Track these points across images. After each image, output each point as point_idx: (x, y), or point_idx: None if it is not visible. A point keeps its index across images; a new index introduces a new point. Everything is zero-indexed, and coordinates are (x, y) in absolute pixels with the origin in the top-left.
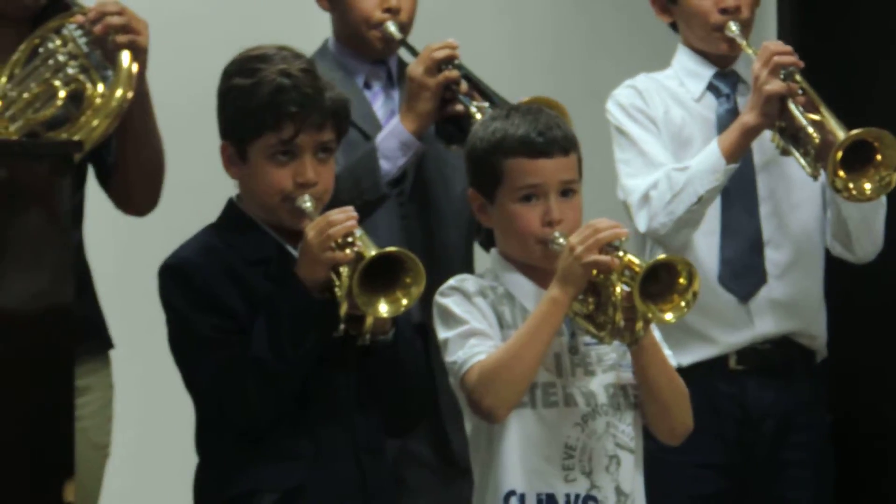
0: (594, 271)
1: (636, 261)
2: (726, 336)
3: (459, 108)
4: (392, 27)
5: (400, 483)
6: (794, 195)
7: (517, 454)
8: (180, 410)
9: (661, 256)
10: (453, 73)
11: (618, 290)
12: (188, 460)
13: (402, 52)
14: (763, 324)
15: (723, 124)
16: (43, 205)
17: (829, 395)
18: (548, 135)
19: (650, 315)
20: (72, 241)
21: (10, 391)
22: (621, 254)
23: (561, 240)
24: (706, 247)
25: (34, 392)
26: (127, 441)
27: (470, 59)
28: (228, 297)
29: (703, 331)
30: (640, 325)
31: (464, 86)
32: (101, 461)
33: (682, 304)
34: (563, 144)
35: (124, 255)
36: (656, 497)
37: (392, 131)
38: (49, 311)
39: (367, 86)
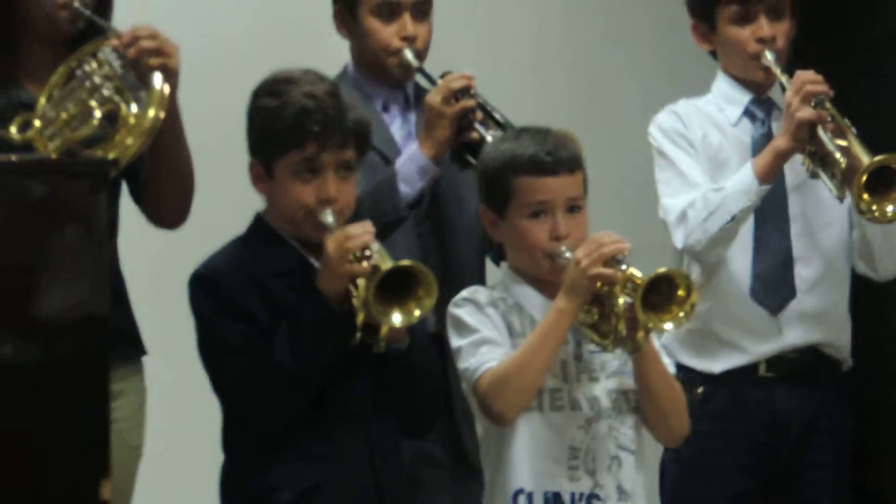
0: (598, 283)
1: (638, 274)
2: (756, 346)
3: (475, 135)
4: (409, 55)
5: (416, 482)
6: (823, 216)
7: (525, 455)
8: (208, 413)
9: (661, 270)
10: (469, 103)
11: (620, 301)
12: (216, 459)
13: (418, 77)
14: (791, 334)
15: (758, 148)
16: (81, 220)
17: (852, 401)
18: (555, 154)
19: (651, 325)
20: (108, 254)
21: (50, 395)
22: (624, 267)
23: (567, 254)
24: (740, 263)
25: (72, 396)
26: (159, 442)
27: (486, 86)
28: (254, 306)
29: (735, 341)
30: (641, 334)
31: (479, 114)
32: (135, 461)
33: (681, 314)
34: (570, 164)
35: (157, 266)
36: (693, 495)
37: (411, 157)
38: (86, 320)
39: (386, 109)
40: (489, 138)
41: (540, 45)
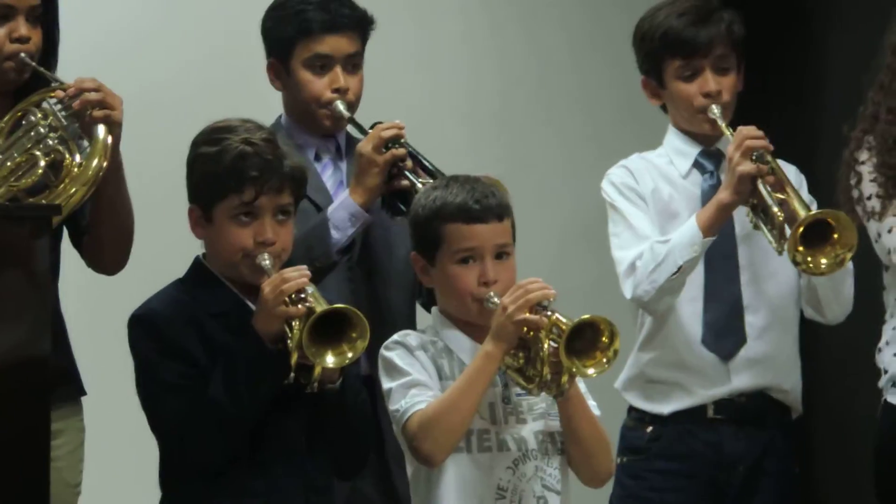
0: (524, 329)
1: (563, 319)
2: (706, 390)
3: (405, 182)
4: (341, 106)
5: None
6: (771, 264)
7: (453, 495)
8: (146, 451)
9: (585, 316)
10: (400, 151)
11: (546, 346)
12: (154, 498)
13: (350, 127)
14: (739, 379)
15: (707, 198)
16: (23, 264)
17: (799, 446)
18: (483, 202)
19: (575, 370)
20: (49, 297)
21: None
22: (549, 313)
23: (495, 299)
24: (690, 311)
25: (13, 435)
26: (96, 480)
27: (418, 135)
28: (192, 346)
29: (685, 385)
30: (565, 378)
31: (409, 163)
32: (73, 499)
33: (604, 360)
34: (498, 211)
35: (95, 309)
36: None
37: (342, 203)
38: (27, 362)
39: (318, 158)
40: (419, 186)
41: (473, 96)
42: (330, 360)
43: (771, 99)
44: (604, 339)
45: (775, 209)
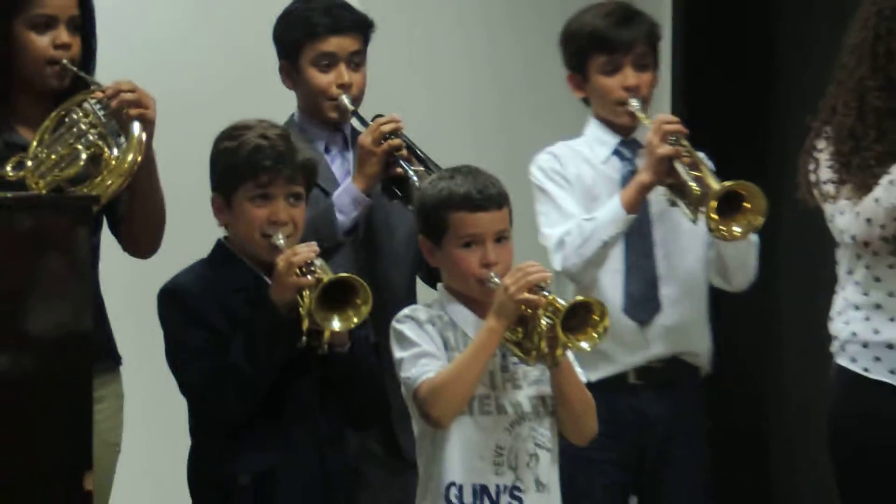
0: (524, 307)
1: (559, 300)
2: (626, 357)
3: (400, 171)
4: (345, 99)
5: (358, 475)
6: (682, 241)
7: (457, 453)
8: (177, 412)
9: (580, 297)
10: (396, 142)
11: (543, 323)
12: (185, 452)
13: (355, 121)
14: (656, 346)
15: (625, 182)
16: (65, 249)
17: (709, 403)
18: (485, 192)
19: (569, 344)
20: (90, 279)
21: (40, 400)
22: (546, 293)
23: (496, 279)
24: (612, 283)
25: (60, 401)
26: (135, 440)
27: (419, 128)
28: (214, 316)
29: (608, 352)
30: (560, 351)
31: (405, 152)
32: (114, 457)
33: (595, 335)
34: (498, 200)
35: (132, 289)
36: (580, 486)
37: (346, 189)
38: (71, 336)
39: (327, 150)
40: (412, 174)
41: (471, 93)
42: (337, 324)
43: (742, 93)
44: (594, 316)
45: (692, 184)
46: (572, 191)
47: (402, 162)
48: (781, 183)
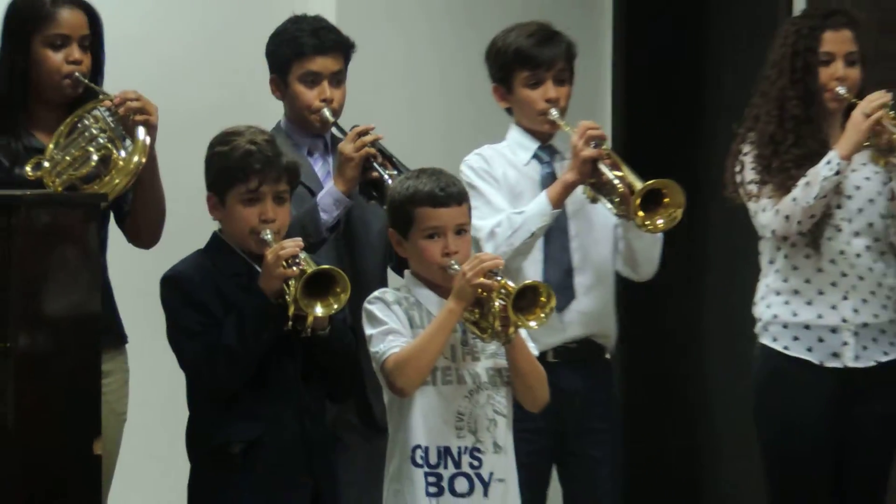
0: (479, 290)
1: (510, 284)
2: (546, 338)
3: (376, 174)
4: (327, 113)
5: (337, 440)
6: (595, 234)
7: (421, 419)
8: (176, 386)
9: (528, 281)
10: (372, 150)
11: (496, 304)
12: (183, 423)
13: (334, 129)
14: (572, 329)
15: (545, 183)
16: (77, 241)
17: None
18: (447, 190)
19: (519, 323)
20: (99, 267)
21: (55, 373)
22: (499, 278)
23: (456, 266)
24: (533, 272)
25: (72, 374)
26: (139, 410)
27: (392, 134)
28: (209, 300)
29: (530, 334)
30: (511, 329)
31: (379, 158)
32: (120, 425)
33: (542, 315)
34: (458, 198)
35: (137, 276)
36: None
37: (328, 191)
38: (81, 317)
39: (310, 154)
40: (386, 177)
41: (446, 103)
42: (319, 310)
43: (675, 104)
44: (542, 298)
45: (616, 182)
46: (499, 188)
47: (377, 166)
48: (709, 183)
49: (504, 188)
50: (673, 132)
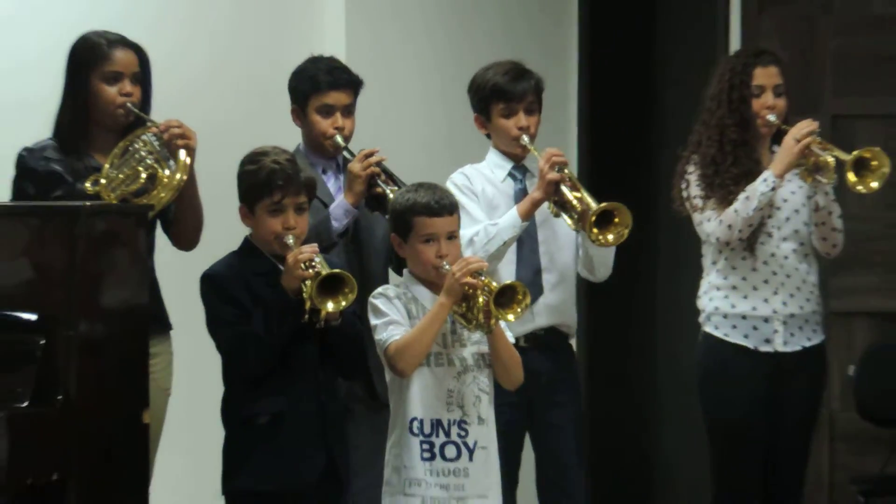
0: (467, 288)
1: (493, 283)
2: (518, 327)
3: (379, 190)
4: (339, 139)
5: (349, 412)
6: (559, 242)
7: (418, 396)
8: (213, 367)
9: (507, 282)
10: (376, 169)
11: (480, 300)
12: (219, 398)
13: (345, 152)
14: (540, 318)
15: (517, 197)
16: (129, 244)
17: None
18: (441, 202)
19: (499, 316)
20: (147, 267)
21: (110, 355)
22: (483, 278)
23: (447, 266)
24: (507, 272)
25: (124, 355)
26: (181, 387)
27: (394, 155)
28: (241, 295)
29: (505, 324)
30: (493, 321)
31: (383, 176)
32: (165, 399)
33: (518, 310)
34: (450, 209)
35: (180, 274)
36: None
37: (339, 203)
38: (132, 309)
39: (324, 172)
40: (388, 192)
41: (427, 124)
42: (331, 306)
43: (633, 131)
44: (519, 296)
45: (575, 203)
46: (478, 202)
47: (380, 183)
48: (659, 199)
49: (483, 201)
50: (629, 155)
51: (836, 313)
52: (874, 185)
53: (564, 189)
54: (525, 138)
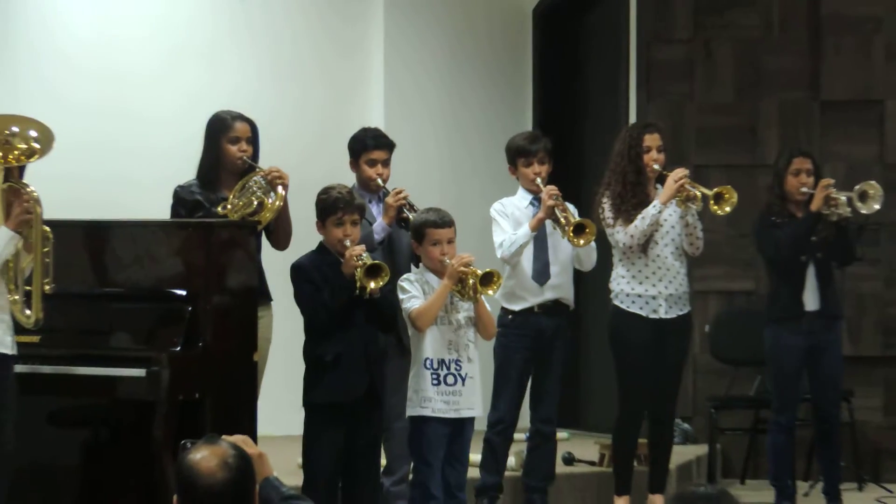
0: (461, 273)
1: (478, 271)
2: (533, 299)
3: (405, 214)
4: (380, 181)
5: (384, 354)
6: (561, 245)
7: (429, 344)
8: (299, 324)
9: (488, 269)
10: (403, 201)
11: (470, 282)
12: (301, 344)
13: (384, 190)
14: (549, 293)
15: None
16: (243, 247)
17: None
18: (443, 219)
19: (483, 292)
20: (257, 261)
21: (233, 319)
22: (472, 267)
23: (448, 261)
24: (527, 264)
25: (242, 318)
26: (278, 338)
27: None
28: (317, 278)
29: (524, 296)
30: (478, 296)
31: (407, 206)
32: (267, 346)
33: (495, 287)
34: (449, 223)
35: (278, 265)
36: (509, 360)
37: (379, 223)
38: (246, 288)
39: (370, 202)
40: (410, 216)
41: (424, 160)
42: (372, 285)
43: (563, 172)
44: (495, 278)
45: (562, 220)
46: (508, 221)
47: (405, 210)
48: (584, 213)
49: (511, 220)
50: (563, 189)
51: (697, 292)
52: (727, 209)
53: (556, 212)
54: (538, 181)
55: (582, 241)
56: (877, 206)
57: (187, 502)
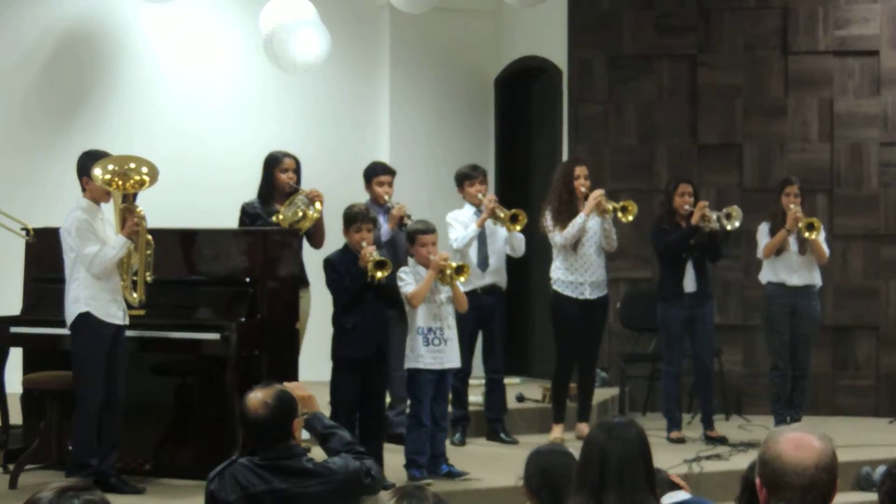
0: (441, 266)
1: (453, 264)
2: (477, 282)
3: (404, 223)
4: (386, 197)
5: (391, 321)
6: (498, 237)
7: (421, 316)
8: (328, 302)
9: (461, 262)
10: (403, 212)
11: (447, 272)
12: (330, 315)
13: (389, 205)
14: (488, 278)
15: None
16: (290, 247)
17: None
18: (430, 228)
19: (456, 279)
20: (298, 256)
21: (281, 298)
22: (449, 261)
23: (432, 257)
24: (473, 254)
25: (286, 298)
26: (314, 313)
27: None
28: (341, 268)
29: (471, 280)
30: (454, 283)
31: (406, 216)
32: (306, 318)
33: (465, 277)
34: (433, 231)
35: (315, 260)
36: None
37: (385, 229)
38: (291, 277)
39: (379, 213)
40: (409, 223)
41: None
42: (380, 274)
43: (517, 193)
44: (466, 270)
45: (501, 215)
46: (461, 225)
47: (405, 219)
48: (533, 225)
49: (462, 224)
50: (518, 204)
51: (611, 279)
52: (630, 218)
53: (497, 211)
54: (480, 195)
55: (518, 227)
56: (738, 224)
57: (242, 426)
